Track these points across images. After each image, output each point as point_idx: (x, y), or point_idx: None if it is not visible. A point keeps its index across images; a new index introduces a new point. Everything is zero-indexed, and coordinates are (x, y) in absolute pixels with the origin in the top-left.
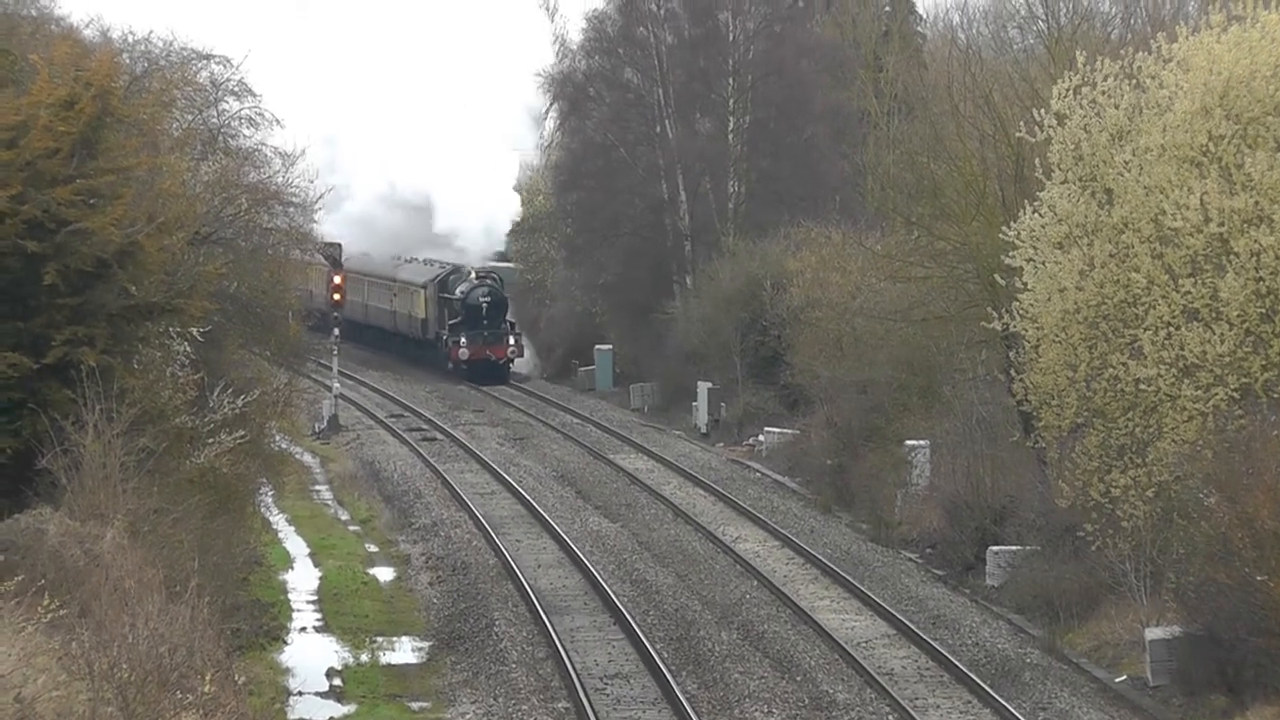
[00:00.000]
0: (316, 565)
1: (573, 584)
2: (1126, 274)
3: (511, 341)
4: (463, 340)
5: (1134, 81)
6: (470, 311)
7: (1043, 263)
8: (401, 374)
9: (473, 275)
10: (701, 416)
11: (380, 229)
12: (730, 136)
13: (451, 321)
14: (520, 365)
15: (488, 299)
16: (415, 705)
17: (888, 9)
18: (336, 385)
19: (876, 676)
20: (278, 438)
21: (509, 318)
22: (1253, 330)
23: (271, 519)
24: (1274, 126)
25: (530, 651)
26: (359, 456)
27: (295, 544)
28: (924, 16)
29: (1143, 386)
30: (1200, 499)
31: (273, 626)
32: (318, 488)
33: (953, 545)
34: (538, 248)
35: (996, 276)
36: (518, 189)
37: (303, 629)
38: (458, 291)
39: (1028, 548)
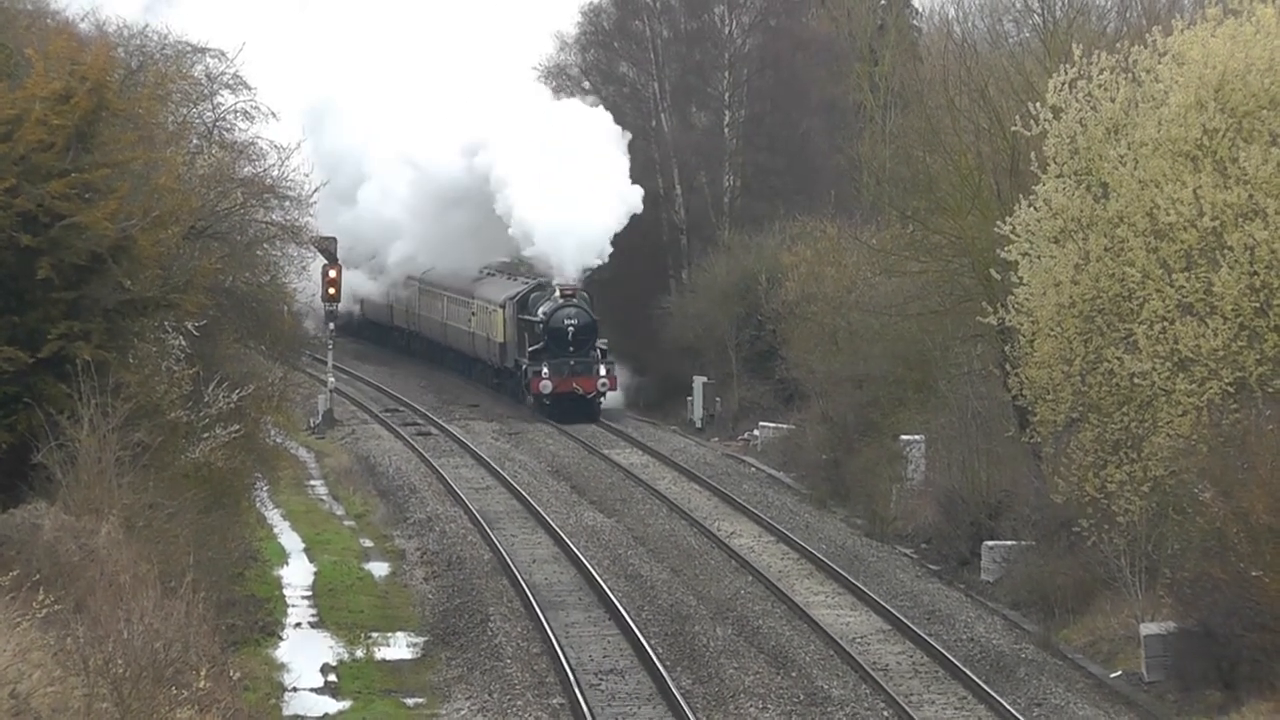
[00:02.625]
0: (311, 560)
1: (567, 579)
2: (1121, 268)
3: (603, 372)
4: (544, 371)
5: (1129, 75)
6: (554, 336)
7: (1038, 257)
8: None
9: (557, 293)
10: (696, 411)
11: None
12: (726, 130)
13: (532, 347)
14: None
15: (574, 322)
16: (410, 701)
17: (883, 2)
18: (332, 380)
19: (871, 672)
20: (273, 432)
21: (600, 343)
22: (1247, 324)
23: (266, 514)
24: (1268, 120)
25: (525, 647)
26: (354, 451)
27: (290, 539)
28: (919, 10)
29: (1137, 381)
30: (1195, 494)
31: (268, 622)
32: (313, 483)
33: (948, 540)
34: None
35: (992, 270)
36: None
37: (298, 624)
38: (539, 312)
39: (1023, 543)
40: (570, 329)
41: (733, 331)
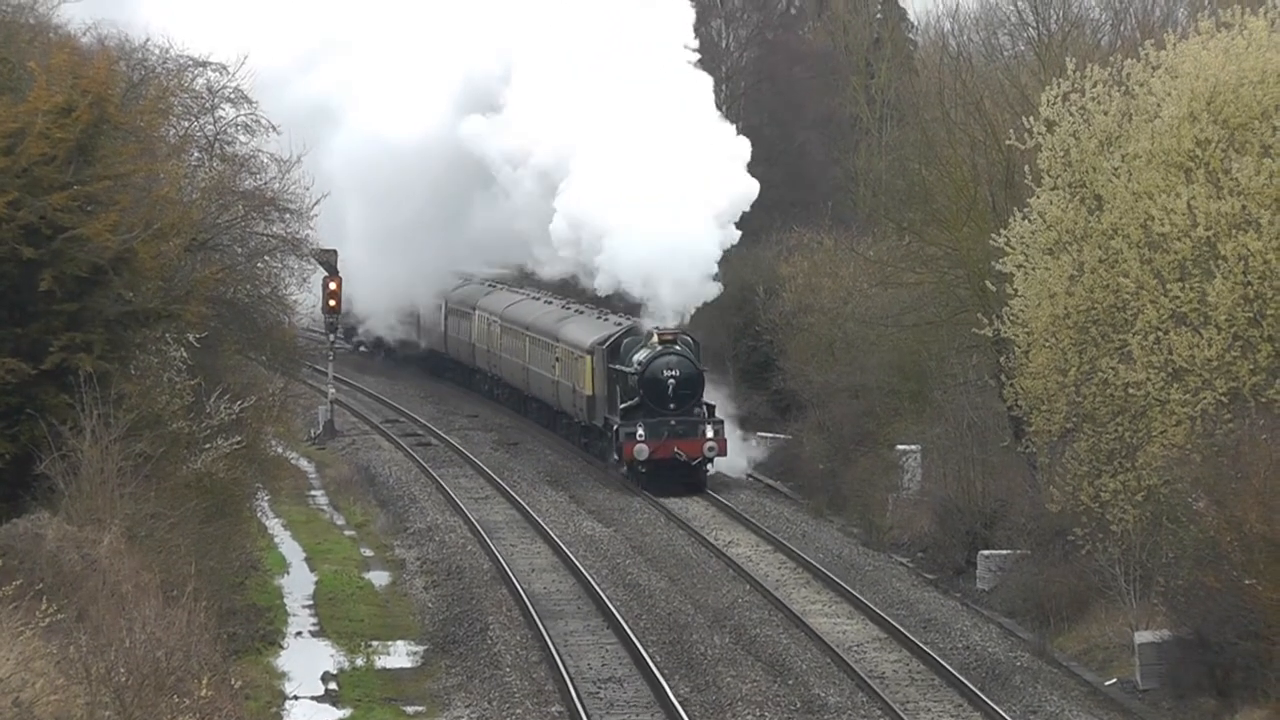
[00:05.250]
0: (312, 570)
1: (566, 588)
2: (1115, 279)
3: (710, 434)
4: (639, 432)
5: (1122, 88)
6: (651, 390)
7: (1033, 268)
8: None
9: (654, 338)
10: None
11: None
12: None
13: (625, 404)
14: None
15: (675, 374)
16: (410, 709)
17: (879, 16)
18: (332, 390)
19: (868, 680)
20: (274, 443)
21: (705, 399)
22: (1240, 334)
23: (267, 524)
24: (1260, 132)
25: (524, 655)
26: (354, 461)
27: (291, 548)
28: (915, 23)
29: (1132, 391)
30: (1189, 503)
31: (269, 630)
32: (314, 493)
33: (943, 549)
34: None
35: (987, 282)
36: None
37: (299, 633)
38: (633, 361)
39: (1018, 552)
40: (671, 382)
41: (730, 343)
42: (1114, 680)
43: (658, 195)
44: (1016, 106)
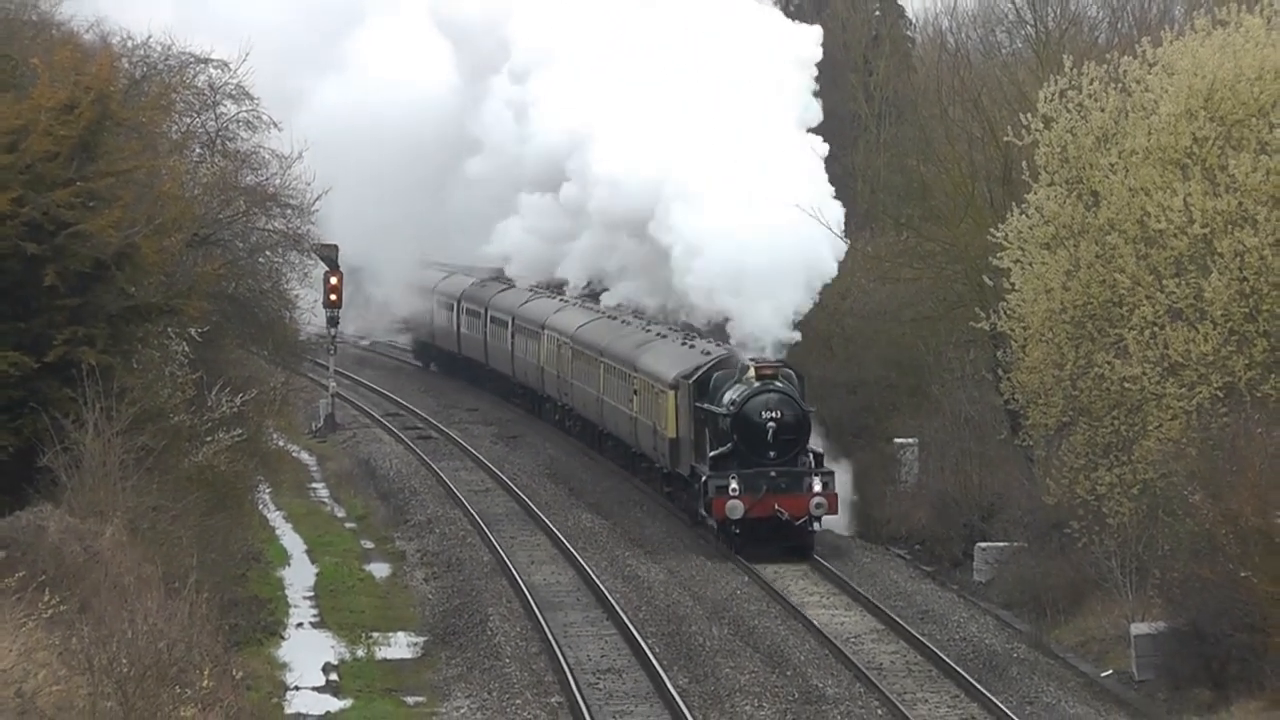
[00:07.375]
0: (313, 561)
1: (566, 580)
2: (1112, 274)
3: (817, 487)
4: (733, 485)
5: (1119, 85)
6: (747, 434)
7: (1030, 263)
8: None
9: (750, 372)
10: None
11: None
12: None
13: (715, 451)
14: None
15: (776, 415)
16: (411, 700)
17: (877, 13)
18: (333, 384)
19: (865, 671)
20: (275, 436)
21: (812, 446)
22: (1236, 329)
23: (269, 516)
24: (1257, 128)
25: (524, 646)
26: (355, 454)
27: (292, 540)
28: (913, 20)
29: (1128, 385)
30: (1185, 496)
31: (270, 622)
32: (314, 485)
33: (941, 542)
34: None
35: (984, 277)
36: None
37: (300, 624)
38: (725, 400)
39: (1015, 544)
40: (770, 425)
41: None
42: (1110, 672)
43: (750, 194)
44: (1014, 103)
